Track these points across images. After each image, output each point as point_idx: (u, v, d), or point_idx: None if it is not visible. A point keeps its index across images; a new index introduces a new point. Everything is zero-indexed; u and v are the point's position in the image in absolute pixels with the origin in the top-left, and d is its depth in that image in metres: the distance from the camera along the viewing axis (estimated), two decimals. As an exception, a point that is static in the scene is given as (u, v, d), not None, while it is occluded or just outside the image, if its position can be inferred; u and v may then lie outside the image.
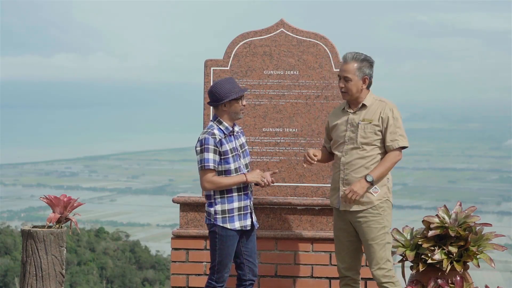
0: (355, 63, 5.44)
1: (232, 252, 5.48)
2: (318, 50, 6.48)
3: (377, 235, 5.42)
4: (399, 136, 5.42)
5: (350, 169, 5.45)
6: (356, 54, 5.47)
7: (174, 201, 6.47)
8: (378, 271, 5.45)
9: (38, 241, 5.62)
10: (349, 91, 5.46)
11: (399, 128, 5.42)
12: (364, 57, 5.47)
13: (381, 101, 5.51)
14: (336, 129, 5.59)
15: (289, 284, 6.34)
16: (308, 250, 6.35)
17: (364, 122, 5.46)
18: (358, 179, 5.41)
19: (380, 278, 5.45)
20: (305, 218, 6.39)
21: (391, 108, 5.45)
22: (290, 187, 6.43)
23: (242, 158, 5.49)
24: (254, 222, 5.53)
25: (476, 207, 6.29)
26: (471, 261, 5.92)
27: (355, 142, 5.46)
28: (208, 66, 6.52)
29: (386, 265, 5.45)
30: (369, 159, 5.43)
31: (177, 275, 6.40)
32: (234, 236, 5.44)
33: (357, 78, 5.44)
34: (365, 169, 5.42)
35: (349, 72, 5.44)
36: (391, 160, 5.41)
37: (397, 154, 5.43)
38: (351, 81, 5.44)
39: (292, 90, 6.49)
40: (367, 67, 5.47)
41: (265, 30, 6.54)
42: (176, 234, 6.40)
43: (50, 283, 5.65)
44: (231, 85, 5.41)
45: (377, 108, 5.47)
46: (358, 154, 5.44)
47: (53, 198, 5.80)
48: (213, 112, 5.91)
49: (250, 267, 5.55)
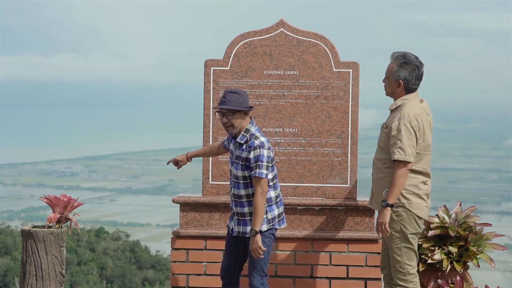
0: (394, 64, 5.41)
1: (227, 247, 5.59)
2: (318, 50, 6.48)
3: (392, 239, 5.40)
4: (397, 148, 5.28)
5: (373, 168, 5.55)
6: (399, 55, 5.41)
7: (174, 201, 6.47)
8: (395, 273, 5.45)
9: (38, 241, 5.62)
10: (385, 89, 5.50)
11: (399, 141, 5.29)
12: (404, 61, 5.39)
13: (401, 107, 5.40)
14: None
15: (289, 284, 6.34)
16: (308, 250, 6.35)
17: (383, 126, 5.50)
18: (376, 179, 5.48)
19: (396, 280, 5.44)
20: (305, 218, 6.39)
21: (400, 118, 5.34)
22: (290, 187, 6.44)
23: (234, 167, 5.45)
24: (233, 229, 5.48)
25: (476, 207, 6.29)
26: (471, 261, 5.93)
27: (378, 144, 5.55)
28: (208, 66, 6.51)
29: (403, 268, 5.41)
30: (383, 162, 5.44)
31: (177, 275, 6.40)
32: (228, 233, 5.58)
33: (393, 80, 5.42)
34: (380, 171, 5.45)
35: (387, 71, 5.47)
36: (396, 178, 5.28)
37: (399, 168, 5.27)
38: (387, 81, 5.47)
39: (292, 90, 6.49)
40: (405, 71, 5.39)
41: (265, 30, 6.53)
42: (176, 234, 6.40)
43: (50, 283, 5.65)
44: (221, 98, 5.46)
45: (396, 114, 5.42)
46: (378, 155, 5.51)
47: (53, 198, 5.80)
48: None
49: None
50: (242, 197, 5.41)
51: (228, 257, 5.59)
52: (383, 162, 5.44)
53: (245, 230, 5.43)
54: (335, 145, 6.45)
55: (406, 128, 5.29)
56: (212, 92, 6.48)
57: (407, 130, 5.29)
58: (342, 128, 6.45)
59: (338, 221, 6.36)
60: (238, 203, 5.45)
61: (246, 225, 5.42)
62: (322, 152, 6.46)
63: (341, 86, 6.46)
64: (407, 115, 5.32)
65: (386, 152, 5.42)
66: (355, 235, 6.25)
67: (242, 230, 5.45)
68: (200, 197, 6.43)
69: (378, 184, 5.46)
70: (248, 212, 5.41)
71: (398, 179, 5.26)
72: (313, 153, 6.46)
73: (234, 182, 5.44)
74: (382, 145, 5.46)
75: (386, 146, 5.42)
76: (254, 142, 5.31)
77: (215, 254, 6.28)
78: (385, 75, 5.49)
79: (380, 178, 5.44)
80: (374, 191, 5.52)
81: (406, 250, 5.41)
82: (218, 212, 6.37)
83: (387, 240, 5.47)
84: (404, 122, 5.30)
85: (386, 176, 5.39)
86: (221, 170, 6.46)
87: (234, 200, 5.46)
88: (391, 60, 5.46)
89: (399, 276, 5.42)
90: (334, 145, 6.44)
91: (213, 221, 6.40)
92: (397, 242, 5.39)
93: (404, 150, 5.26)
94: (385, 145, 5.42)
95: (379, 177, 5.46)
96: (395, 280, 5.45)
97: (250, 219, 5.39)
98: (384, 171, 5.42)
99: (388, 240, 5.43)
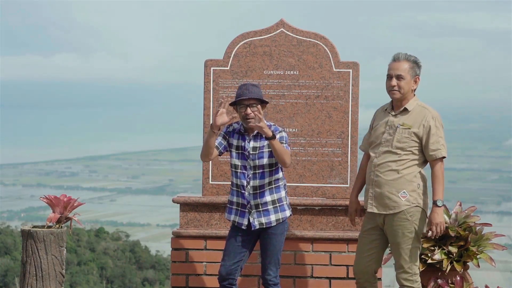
0: (407, 62, 5.41)
1: (231, 247, 5.52)
2: (318, 50, 6.48)
3: (403, 240, 5.36)
4: (441, 145, 5.36)
5: (381, 170, 5.39)
6: (407, 54, 5.46)
7: (174, 201, 6.47)
8: (402, 275, 5.41)
9: (38, 241, 5.62)
10: (402, 89, 5.39)
11: (441, 138, 5.37)
12: (414, 58, 5.45)
13: (424, 107, 5.43)
14: (375, 130, 5.54)
15: (289, 284, 6.34)
16: (308, 250, 6.35)
17: (403, 126, 5.39)
18: (388, 181, 5.36)
19: (402, 281, 5.41)
20: (305, 218, 6.39)
21: (434, 117, 5.38)
22: (290, 187, 6.43)
23: (256, 157, 5.48)
24: (252, 223, 5.50)
25: (476, 207, 6.29)
26: (471, 261, 5.93)
27: (390, 145, 5.40)
28: (208, 66, 6.52)
29: (410, 269, 5.39)
30: (401, 163, 5.37)
31: (177, 275, 6.40)
32: (235, 231, 5.54)
33: (410, 77, 5.41)
34: (395, 173, 5.36)
35: (402, 70, 5.40)
36: (441, 174, 5.37)
37: (441, 165, 5.38)
38: (403, 80, 5.39)
39: (292, 90, 6.49)
40: (417, 68, 5.45)
41: (265, 30, 6.53)
42: (176, 234, 6.40)
43: (50, 283, 5.65)
44: (239, 90, 5.43)
45: (419, 114, 5.40)
46: (391, 157, 5.38)
47: (53, 198, 5.80)
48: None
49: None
50: (264, 186, 5.44)
51: (233, 257, 5.51)
52: (401, 163, 5.35)
53: (269, 220, 5.46)
54: (335, 145, 6.45)
55: (442, 127, 5.43)
56: (212, 92, 6.48)
57: (442, 129, 5.43)
58: (342, 128, 6.45)
59: (338, 221, 6.36)
60: (258, 194, 5.45)
61: (269, 214, 5.46)
62: (322, 152, 6.47)
63: (341, 86, 6.46)
64: (438, 115, 5.44)
65: (408, 153, 5.36)
66: (355, 235, 6.24)
67: (265, 220, 5.46)
68: (200, 197, 6.43)
69: (391, 186, 5.36)
70: (270, 201, 5.46)
71: (443, 176, 5.40)
72: (313, 153, 6.47)
73: (253, 173, 5.44)
74: (403, 146, 5.36)
75: (409, 147, 5.36)
76: (276, 128, 5.44)
77: (215, 254, 6.28)
78: (397, 75, 5.39)
79: (395, 180, 5.35)
80: (384, 193, 5.39)
81: (416, 251, 5.40)
82: (218, 212, 6.37)
83: (395, 241, 5.37)
84: (440, 122, 5.42)
85: (403, 177, 5.34)
86: (221, 170, 6.46)
87: (252, 193, 5.44)
88: (399, 60, 5.41)
89: (405, 277, 5.39)
90: (334, 145, 6.44)
91: (213, 221, 6.40)
92: (409, 242, 5.35)
93: (445, 146, 5.40)
94: (409, 145, 5.36)
95: (392, 179, 5.35)
96: (399, 281, 5.42)
97: (273, 207, 5.46)
98: (403, 171, 5.34)
99: (398, 242, 5.36)
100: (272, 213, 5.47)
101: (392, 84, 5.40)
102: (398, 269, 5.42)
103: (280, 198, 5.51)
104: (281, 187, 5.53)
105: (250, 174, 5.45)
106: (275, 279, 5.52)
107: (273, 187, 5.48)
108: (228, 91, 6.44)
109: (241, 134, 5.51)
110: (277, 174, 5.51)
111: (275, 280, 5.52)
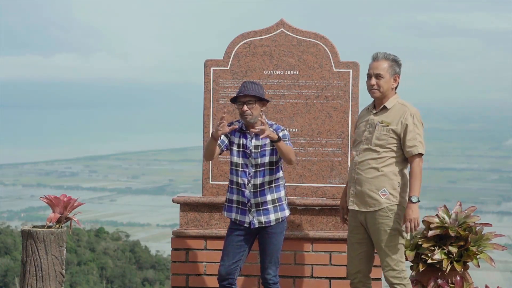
0: (386, 61, 5.47)
1: (231, 246, 5.54)
2: (318, 50, 6.48)
3: (387, 238, 5.39)
4: (418, 142, 5.38)
5: (361, 168, 5.45)
6: (386, 53, 5.52)
7: (174, 201, 6.47)
8: (389, 273, 5.44)
9: (38, 241, 5.62)
10: (381, 87, 5.45)
11: (418, 135, 5.40)
12: (393, 57, 5.51)
13: (404, 105, 5.48)
14: (358, 129, 5.63)
15: (289, 284, 6.34)
16: (308, 250, 6.35)
17: (382, 124, 5.44)
18: (368, 179, 5.41)
19: (391, 279, 5.43)
20: (305, 218, 6.39)
21: (413, 114, 5.42)
22: (290, 187, 6.43)
23: (257, 155, 5.49)
24: (251, 222, 5.51)
25: (476, 207, 6.29)
26: (471, 261, 5.93)
27: (370, 142, 5.45)
28: (208, 66, 6.52)
29: (397, 266, 5.42)
30: (381, 161, 5.42)
31: (177, 275, 6.40)
32: (234, 230, 5.55)
33: (389, 76, 5.46)
34: (375, 170, 5.40)
35: (381, 69, 5.46)
36: (418, 170, 5.37)
37: (419, 161, 5.39)
38: (383, 78, 5.45)
39: (292, 90, 6.49)
40: (397, 66, 5.51)
41: (265, 30, 6.53)
42: (176, 234, 6.40)
43: (50, 283, 5.65)
44: (239, 88, 5.48)
45: (398, 111, 5.45)
46: (371, 155, 5.44)
47: (53, 198, 5.80)
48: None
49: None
50: (265, 184, 5.46)
51: (231, 257, 5.53)
52: (381, 160, 5.41)
53: (269, 219, 5.48)
54: (335, 145, 6.45)
55: (420, 123, 5.45)
56: (212, 92, 6.48)
57: (421, 126, 5.45)
58: (342, 128, 6.45)
59: (338, 221, 6.35)
60: (258, 192, 5.47)
61: (269, 214, 5.48)
62: (322, 152, 6.47)
63: (341, 86, 6.46)
64: (417, 112, 5.46)
65: (387, 150, 5.42)
66: (355, 235, 6.25)
67: (265, 219, 5.48)
68: (200, 197, 6.43)
69: (372, 184, 5.41)
70: (270, 200, 5.48)
71: (421, 172, 5.39)
72: (313, 153, 6.47)
73: (255, 172, 5.47)
74: (382, 143, 5.42)
75: (388, 144, 5.41)
76: (278, 126, 5.49)
77: (215, 254, 6.28)
78: (376, 74, 5.46)
79: (375, 177, 5.41)
80: (364, 191, 5.43)
81: (400, 247, 5.45)
82: (218, 212, 6.37)
83: (379, 240, 5.41)
84: (418, 119, 5.44)
85: (384, 175, 5.39)
86: (221, 170, 6.46)
87: (253, 191, 5.47)
88: (378, 60, 5.47)
89: (394, 274, 5.42)
90: (334, 145, 6.44)
91: (213, 221, 6.40)
92: (392, 240, 5.40)
93: (423, 143, 5.42)
94: (388, 142, 5.41)
95: (372, 176, 5.41)
96: (388, 280, 5.45)
97: (273, 206, 5.49)
98: (383, 169, 5.40)
99: (381, 239, 5.40)
100: (271, 212, 5.49)
101: (371, 83, 5.48)
102: (385, 268, 5.45)
103: (280, 198, 5.52)
104: (281, 186, 5.54)
105: (252, 173, 5.46)
106: (275, 278, 5.53)
107: (273, 186, 5.50)
108: (228, 91, 6.44)
109: (242, 132, 5.53)
110: (278, 173, 5.52)
111: (274, 279, 5.53)
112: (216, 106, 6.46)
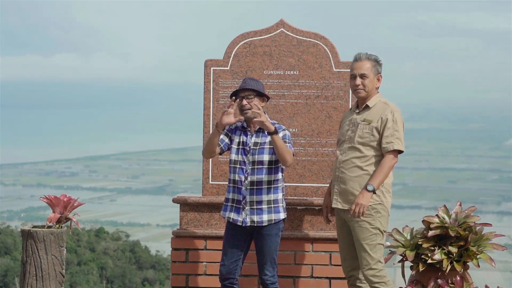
0: (369, 61, 5.52)
1: (228, 245, 5.54)
2: (318, 50, 6.49)
3: (367, 236, 5.42)
4: (395, 139, 5.41)
5: (345, 167, 5.49)
6: (368, 54, 5.57)
7: (174, 201, 6.47)
8: (368, 271, 5.46)
9: (38, 241, 5.62)
10: (366, 87, 5.50)
11: (397, 131, 5.43)
12: (375, 57, 5.56)
13: (385, 103, 5.53)
14: (341, 128, 5.67)
15: (289, 284, 6.34)
16: (308, 250, 6.35)
17: (364, 122, 5.49)
18: (352, 178, 5.45)
19: (371, 278, 5.45)
20: (305, 218, 6.39)
21: (393, 111, 5.47)
22: (290, 187, 6.43)
23: (256, 153, 5.49)
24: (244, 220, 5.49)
25: (476, 207, 6.28)
26: (471, 261, 5.92)
27: (353, 141, 5.49)
28: (208, 66, 6.52)
29: (377, 265, 5.45)
30: (364, 159, 5.45)
31: (177, 275, 6.40)
32: (231, 228, 5.54)
33: (373, 76, 5.51)
34: (359, 169, 5.44)
35: (365, 69, 5.50)
36: (387, 165, 5.40)
37: (392, 158, 5.42)
38: (367, 78, 5.49)
39: (292, 90, 6.49)
40: (379, 66, 5.57)
41: (265, 30, 6.54)
42: (176, 234, 6.40)
43: (50, 283, 5.65)
44: (240, 84, 5.51)
45: (379, 109, 5.50)
46: (354, 153, 5.47)
47: (53, 198, 5.80)
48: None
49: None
50: (262, 183, 5.45)
51: (230, 257, 5.54)
52: (366, 159, 5.44)
53: (261, 219, 5.46)
54: (335, 145, 6.45)
55: (401, 121, 5.47)
56: (212, 92, 6.48)
57: (401, 123, 5.48)
58: (342, 128, 6.45)
59: (338, 221, 6.35)
60: (255, 190, 5.46)
61: (262, 214, 5.46)
62: (322, 152, 6.47)
63: (341, 86, 6.46)
64: (398, 109, 5.49)
65: (370, 148, 5.45)
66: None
67: (257, 219, 5.47)
68: (200, 197, 6.43)
69: (356, 182, 5.44)
70: (266, 200, 5.46)
71: (389, 168, 5.39)
72: (313, 153, 6.47)
73: (252, 169, 5.45)
74: (365, 141, 5.45)
75: (370, 142, 5.45)
76: (280, 126, 5.48)
77: (215, 254, 6.28)
78: (360, 74, 5.49)
79: (359, 176, 5.44)
80: (348, 189, 5.46)
81: (380, 247, 5.47)
82: (218, 212, 6.37)
83: (359, 238, 5.44)
84: (399, 116, 5.47)
85: (368, 173, 5.43)
86: (221, 170, 6.46)
87: (249, 188, 5.45)
88: (361, 60, 5.52)
89: (373, 273, 5.44)
90: (334, 145, 6.43)
91: (213, 221, 6.40)
92: (373, 239, 5.43)
93: (401, 140, 5.43)
94: (370, 140, 5.45)
95: (356, 175, 5.44)
96: (368, 279, 5.46)
97: (267, 207, 5.46)
98: (367, 168, 5.44)
99: (362, 237, 5.42)
100: (265, 213, 5.47)
101: (356, 83, 5.51)
102: (365, 267, 5.47)
103: (277, 200, 5.50)
104: (279, 188, 5.52)
105: (249, 170, 5.46)
106: (273, 278, 5.53)
107: (271, 187, 5.48)
108: (228, 91, 6.44)
109: (243, 130, 5.53)
110: (277, 174, 5.50)
111: (272, 280, 5.53)
112: (216, 106, 6.46)
